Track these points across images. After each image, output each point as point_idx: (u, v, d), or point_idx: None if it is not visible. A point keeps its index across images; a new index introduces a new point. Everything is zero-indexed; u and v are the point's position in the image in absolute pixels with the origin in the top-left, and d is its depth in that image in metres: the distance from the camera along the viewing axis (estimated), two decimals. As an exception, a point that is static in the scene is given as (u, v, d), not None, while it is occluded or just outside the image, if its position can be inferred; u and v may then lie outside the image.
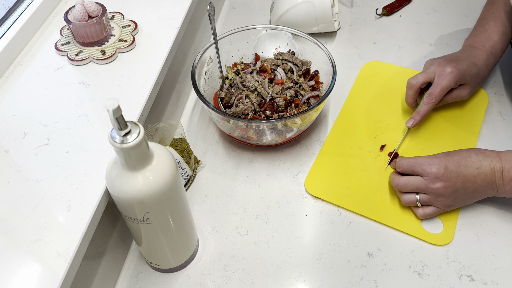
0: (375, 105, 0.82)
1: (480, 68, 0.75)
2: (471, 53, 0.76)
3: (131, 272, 0.63)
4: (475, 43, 0.78)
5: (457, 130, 0.77)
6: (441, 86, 0.72)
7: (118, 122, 0.41)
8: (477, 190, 0.62)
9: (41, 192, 0.52)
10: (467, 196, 0.63)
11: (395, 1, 1.02)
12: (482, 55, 0.75)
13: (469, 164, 0.61)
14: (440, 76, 0.72)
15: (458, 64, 0.73)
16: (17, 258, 0.47)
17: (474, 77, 0.75)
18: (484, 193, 0.63)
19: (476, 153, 0.63)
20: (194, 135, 0.80)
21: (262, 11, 1.04)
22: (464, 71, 0.73)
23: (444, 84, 0.72)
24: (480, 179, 0.61)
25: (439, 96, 0.73)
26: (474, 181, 0.61)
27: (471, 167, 0.61)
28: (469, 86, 0.75)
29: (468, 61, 0.74)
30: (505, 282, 0.59)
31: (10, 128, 0.59)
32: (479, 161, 0.62)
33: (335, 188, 0.70)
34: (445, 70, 0.72)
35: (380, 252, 0.63)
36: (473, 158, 0.62)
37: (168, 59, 0.69)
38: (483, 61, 0.75)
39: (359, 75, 0.88)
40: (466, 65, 0.73)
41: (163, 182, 0.47)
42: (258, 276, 0.61)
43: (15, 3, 0.71)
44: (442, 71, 0.72)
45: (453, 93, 0.75)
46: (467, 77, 0.74)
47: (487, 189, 0.62)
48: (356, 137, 0.77)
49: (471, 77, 0.74)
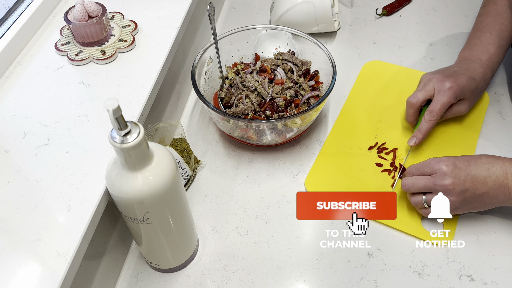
0: (376, 105, 0.82)
1: (478, 82, 0.74)
2: (468, 67, 0.74)
3: (131, 272, 0.63)
4: (471, 56, 0.77)
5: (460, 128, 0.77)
6: (441, 102, 0.70)
7: (118, 122, 0.41)
8: (487, 194, 0.59)
9: (41, 192, 0.52)
10: (476, 200, 0.60)
11: (395, 1, 1.02)
12: (480, 69, 0.74)
13: (479, 164, 0.60)
14: (440, 92, 0.71)
15: (457, 79, 0.71)
16: (17, 258, 0.47)
17: (473, 92, 0.73)
18: (494, 197, 0.60)
19: (486, 156, 0.62)
20: (194, 135, 0.80)
21: (262, 11, 1.04)
22: (464, 86, 0.71)
23: (445, 101, 0.70)
24: (491, 180, 0.59)
25: (440, 112, 0.71)
26: (485, 182, 0.59)
27: (481, 167, 0.60)
28: (468, 102, 0.74)
29: (467, 75, 0.73)
30: (505, 282, 0.59)
31: (10, 128, 0.59)
32: (490, 162, 0.60)
33: (335, 188, 0.70)
34: (445, 85, 0.71)
35: (380, 252, 0.63)
36: (484, 159, 0.61)
37: (168, 59, 0.69)
38: (481, 75, 0.74)
39: (360, 74, 0.88)
40: (465, 80, 0.72)
41: (163, 182, 0.47)
42: (258, 276, 0.61)
43: (15, 3, 0.71)
44: (441, 86, 0.71)
45: (452, 109, 0.74)
46: (467, 92, 0.72)
47: (499, 193, 0.59)
48: (357, 137, 0.77)
49: (470, 92, 0.73)
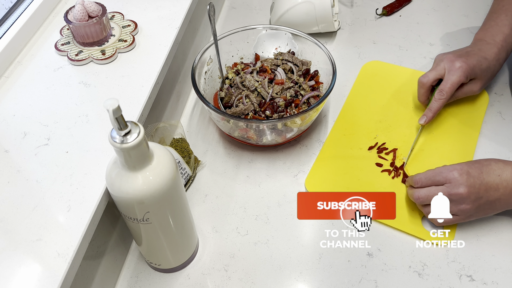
0: (375, 105, 0.82)
1: (490, 62, 0.74)
2: (481, 47, 0.75)
3: (131, 272, 0.63)
4: (485, 37, 0.77)
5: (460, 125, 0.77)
6: (451, 81, 0.72)
7: (118, 122, 0.41)
8: (500, 200, 0.60)
9: (41, 192, 0.52)
10: (489, 206, 0.61)
11: (395, 1, 1.02)
12: (493, 49, 0.75)
13: (491, 171, 0.60)
14: (450, 71, 0.72)
15: (468, 59, 0.73)
16: (17, 258, 0.47)
17: (485, 71, 0.74)
18: (506, 203, 0.60)
19: (495, 161, 0.62)
20: (194, 135, 0.80)
21: (262, 11, 1.04)
22: (474, 66, 0.72)
23: (454, 80, 0.72)
24: (503, 186, 0.59)
25: (449, 91, 0.73)
26: (497, 188, 0.59)
27: (492, 174, 0.60)
28: (480, 81, 0.75)
29: (478, 55, 0.74)
30: (505, 282, 0.59)
31: (10, 128, 0.59)
32: (500, 168, 0.60)
33: (336, 188, 0.69)
34: (455, 65, 0.72)
35: (380, 252, 0.63)
36: (493, 165, 0.61)
37: (168, 59, 0.69)
38: (494, 55, 0.75)
39: (359, 75, 0.88)
40: (476, 60, 0.73)
41: (163, 182, 0.47)
42: (258, 276, 0.61)
43: (15, 3, 0.71)
44: (451, 66, 0.72)
45: (464, 88, 0.75)
46: (477, 71, 0.73)
47: (509, 198, 0.60)
48: (357, 137, 0.77)
49: (481, 71, 0.73)
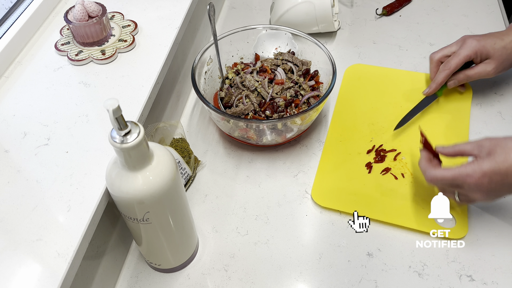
0: (365, 108, 0.82)
1: (507, 43, 0.72)
2: (503, 32, 0.75)
3: (131, 272, 0.63)
4: None
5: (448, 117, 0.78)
6: (458, 55, 0.73)
7: (118, 122, 0.41)
8: None
9: (41, 192, 0.52)
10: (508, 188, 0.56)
11: (395, 1, 1.02)
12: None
13: None
14: (461, 47, 0.74)
15: (482, 38, 0.73)
16: (17, 258, 0.47)
17: (498, 51, 0.72)
18: None
19: None
20: (194, 135, 0.80)
21: (262, 11, 1.04)
22: (486, 43, 0.72)
23: (461, 53, 0.73)
24: None
25: (454, 64, 0.74)
26: None
27: None
28: (494, 61, 0.73)
29: (495, 36, 0.74)
30: (505, 282, 0.59)
31: (10, 128, 0.59)
32: None
33: (343, 197, 0.69)
34: (467, 42, 0.74)
35: (380, 252, 0.63)
36: None
37: (168, 59, 0.69)
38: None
39: (343, 79, 0.87)
40: (490, 39, 0.73)
41: (163, 182, 0.47)
42: (258, 276, 0.61)
43: (15, 3, 0.71)
44: (463, 43, 0.74)
45: (477, 68, 0.75)
46: (490, 49, 0.72)
47: None
48: (353, 142, 0.76)
49: (494, 50, 0.72)
